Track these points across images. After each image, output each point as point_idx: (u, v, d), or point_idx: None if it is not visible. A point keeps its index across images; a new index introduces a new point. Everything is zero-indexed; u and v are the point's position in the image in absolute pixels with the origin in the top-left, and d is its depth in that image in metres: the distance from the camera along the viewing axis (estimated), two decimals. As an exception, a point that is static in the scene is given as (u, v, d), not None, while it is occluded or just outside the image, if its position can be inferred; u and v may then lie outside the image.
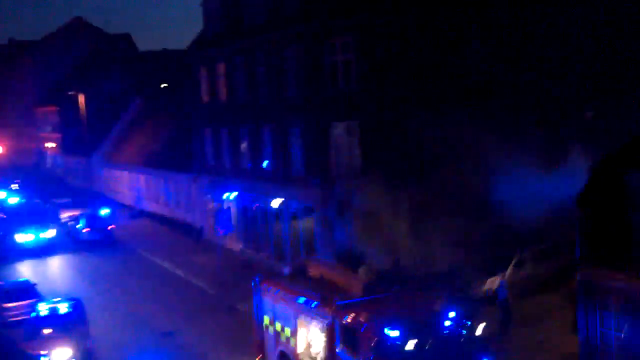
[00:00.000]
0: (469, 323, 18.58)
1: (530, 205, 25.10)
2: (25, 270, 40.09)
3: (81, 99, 73.37)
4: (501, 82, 29.95)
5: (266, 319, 22.71)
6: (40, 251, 43.68)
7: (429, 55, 29.11)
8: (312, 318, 20.32)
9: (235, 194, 39.85)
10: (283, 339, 21.70)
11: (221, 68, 41.16)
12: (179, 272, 37.49)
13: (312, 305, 20.26)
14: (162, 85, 67.06)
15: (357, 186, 29.24)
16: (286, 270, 23.98)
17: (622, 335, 19.65)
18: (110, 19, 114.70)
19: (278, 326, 22.01)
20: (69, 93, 74.72)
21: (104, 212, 49.59)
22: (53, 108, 79.67)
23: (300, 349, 21.05)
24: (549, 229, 27.15)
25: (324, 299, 20.01)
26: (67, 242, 46.09)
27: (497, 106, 29.47)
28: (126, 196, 59.69)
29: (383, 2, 29.31)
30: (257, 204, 38.06)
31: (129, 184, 59.60)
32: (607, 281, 19.91)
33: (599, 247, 20.19)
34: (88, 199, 51.23)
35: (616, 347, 19.78)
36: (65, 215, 51.73)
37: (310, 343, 20.94)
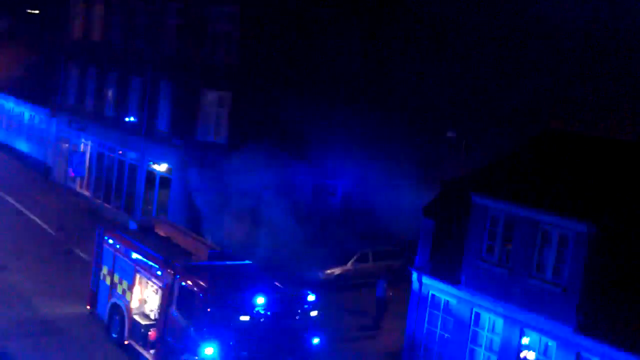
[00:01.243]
0: (306, 304, 19.08)
1: (385, 211, 27.10)
2: None
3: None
4: (373, 88, 32.46)
5: (104, 269, 22.37)
6: None
7: (306, 44, 31.21)
8: (151, 276, 20.22)
9: (92, 138, 38.88)
10: (119, 291, 21.46)
11: (98, 8, 39.68)
12: (22, 208, 36.03)
13: (152, 264, 20.16)
14: (30, 12, 63.63)
15: (222, 158, 29.31)
16: (132, 224, 23.56)
17: (445, 335, 20.85)
18: None
19: (116, 278, 21.75)
20: None
21: None
22: None
23: (134, 304, 20.93)
24: (397, 234, 28.54)
25: (165, 259, 19.92)
26: None
27: (366, 109, 31.30)
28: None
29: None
30: (114, 154, 37.17)
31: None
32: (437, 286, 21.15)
33: (436, 255, 21.44)
34: None
35: (438, 344, 21.03)
36: None
37: (146, 300, 20.88)
